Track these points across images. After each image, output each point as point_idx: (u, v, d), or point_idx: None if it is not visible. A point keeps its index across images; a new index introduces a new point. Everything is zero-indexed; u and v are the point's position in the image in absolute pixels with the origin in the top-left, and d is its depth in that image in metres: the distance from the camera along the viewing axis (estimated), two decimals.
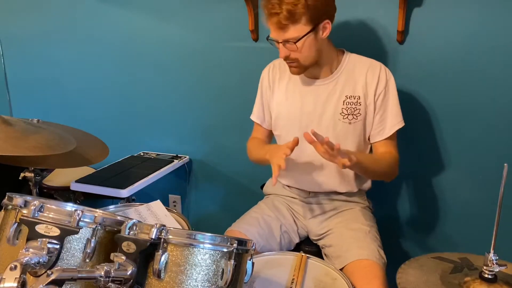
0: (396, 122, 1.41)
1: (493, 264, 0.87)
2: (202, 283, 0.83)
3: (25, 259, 0.75)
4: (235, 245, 0.85)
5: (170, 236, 0.84)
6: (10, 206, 0.90)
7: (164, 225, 0.85)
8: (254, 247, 0.92)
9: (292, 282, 1.12)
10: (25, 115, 1.60)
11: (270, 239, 1.41)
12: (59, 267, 0.78)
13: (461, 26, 1.58)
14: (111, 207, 1.43)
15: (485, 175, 1.66)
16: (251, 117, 1.61)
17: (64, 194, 1.94)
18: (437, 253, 1.04)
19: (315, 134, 1.16)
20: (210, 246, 0.84)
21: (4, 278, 0.69)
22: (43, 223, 0.82)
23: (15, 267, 0.71)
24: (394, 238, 1.84)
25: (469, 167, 1.68)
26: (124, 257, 0.81)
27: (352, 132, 1.41)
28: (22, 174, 1.49)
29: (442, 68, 1.63)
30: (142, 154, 2.13)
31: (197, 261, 0.83)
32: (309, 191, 1.50)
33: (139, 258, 0.82)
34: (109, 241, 0.89)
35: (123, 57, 2.14)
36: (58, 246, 0.82)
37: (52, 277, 0.69)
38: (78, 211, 0.85)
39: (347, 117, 1.40)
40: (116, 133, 2.19)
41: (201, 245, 0.84)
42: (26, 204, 0.87)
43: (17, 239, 0.85)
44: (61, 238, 0.82)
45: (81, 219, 0.85)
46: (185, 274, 0.82)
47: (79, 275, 0.74)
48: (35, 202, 0.85)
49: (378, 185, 1.60)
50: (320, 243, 1.46)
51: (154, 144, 2.18)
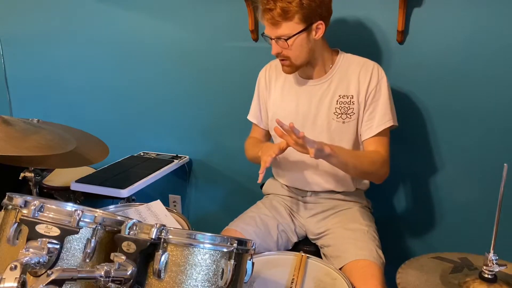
0: (385, 121, 1.39)
1: (493, 264, 0.87)
2: (202, 283, 0.83)
3: (25, 259, 0.75)
4: (235, 245, 0.86)
5: (170, 236, 0.84)
6: (10, 206, 0.90)
7: (164, 225, 0.85)
8: (254, 247, 0.92)
9: (292, 282, 1.12)
10: (25, 115, 1.60)
11: (267, 238, 1.42)
12: (59, 267, 0.78)
13: (461, 26, 1.58)
14: (111, 207, 1.43)
15: (485, 175, 1.66)
16: (248, 117, 1.62)
17: (64, 194, 1.94)
18: (437, 253, 1.04)
19: (292, 128, 1.17)
20: (210, 246, 0.84)
21: (4, 278, 0.69)
22: (43, 223, 0.82)
23: (15, 267, 0.71)
24: (394, 238, 1.84)
25: (469, 167, 1.68)
26: (124, 257, 0.81)
27: (346, 132, 1.42)
28: (22, 174, 1.50)
29: (442, 68, 1.63)
30: (142, 154, 2.13)
31: (197, 261, 0.83)
32: (307, 190, 1.50)
33: (139, 258, 0.82)
34: (109, 241, 0.89)
35: (123, 57, 2.14)
36: (58, 246, 0.82)
37: (52, 277, 0.69)
38: (78, 211, 0.85)
39: (341, 117, 1.41)
40: (116, 133, 2.19)
41: (201, 245, 0.84)
42: (26, 204, 0.87)
43: (17, 239, 0.85)
44: (61, 238, 0.82)
45: (81, 219, 0.85)
46: (185, 274, 0.82)
47: (79, 275, 0.74)
48: (35, 202, 0.85)
49: (378, 185, 1.60)
50: (319, 243, 1.46)
51: (154, 144, 2.18)
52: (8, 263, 0.71)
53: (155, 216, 1.36)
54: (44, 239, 0.81)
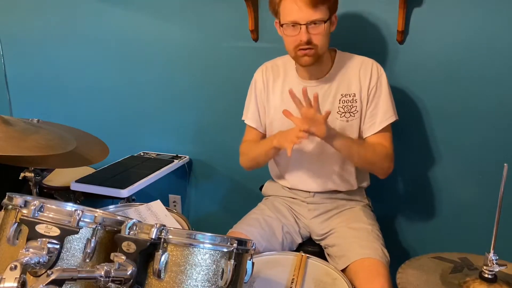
0: (388, 117, 1.40)
1: (493, 264, 0.87)
2: (202, 283, 0.83)
3: (25, 259, 0.75)
4: (235, 245, 0.85)
5: (170, 236, 0.84)
6: (10, 206, 0.90)
7: (164, 225, 0.85)
8: (254, 247, 0.92)
9: (292, 282, 1.12)
10: (25, 115, 1.60)
11: (272, 240, 1.41)
12: (59, 267, 0.78)
13: (461, 26, 1.58)
14: (111, 207, 1.43)
15: (485, 175, 1.66)
16: (246, 121, 1.56)
17: (64, 194, 1.94)
18: (437, 253, 1.04)
19: (305, 92, 1.22)
20: (210, 246, 0.84)
21: (4, 278, 0.69)
22: (43, 223, 0.82)
23: (15, 267, 0.71)
24: (394, 238, 1.84)
25: (469, 167, 1.68)
26: (124, 257, 0.81)
27: (350, 130, 1.42)
28: (22, 174, 1.50)
29: (442, 68, 1.63)
30: (142, 154, 2.13)
31: (197, 261, 0.83)
32: (310, 191, 1.50)
33: (139, 258, 0.82)
34: (109, 241, 0.89)
35: (123, 57, 2.14)
36: (58, 246, 0.82)
37: (52, 277, 0.69)
38: (78, 211, 0.85)
39: (344, 115, 1.41)
40: (116, 133, 2.19)
41: (201, 245, 0.84)
42: (26, 204, 0.87)
43: (17, 239, 0.85)
44: (61, 238, 0.82)
45: (81, 219, 0.85)
46: (185, 274, 0.82)
47: (79, 275, 0.74)
48: (35, 202, 0.85)
49: (378, 184, 1.60)
50: (323, 243, 1.46)
51: (154, 144, 2.18)
52: (8, 263, 0.71)
53: (155, 216, 1.36)
54: (44, 239, 0.81)
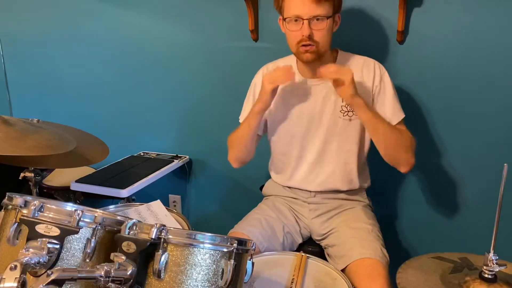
0: (397, 113, 1.40)
1: (493, 264, 0.87)
2: (202, 283, 0.83)
3: (25, 259, 0.75)
4: (235, 245, 0.85)
5: (170, 236, 0.84)
6: (10, 206, 0.90)
7: (164, 225, 0.85)
8: (254, 247, 0.92)
9: (292, 282, 1.12)
10: (25, 115, 1.60)
11: (273, 240, 1.41)
12: (59, 267, 0.78)
13: (461, 26, 1.58)
14: (111, 207, 1.43)
15: (485, 175, 1.66)
16: (241, 121, 1.55)
17: (64, 194, 1.94)
18: (437, 253, 1.04)
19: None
20: (210, 246, 0.84)
21: (4, 278, 0.69)
22: (43, 223, 0.82)
23: (15, 267, 0.71)
24: (394, 238, 1.84)
25: (469, 167, 1.68)
26: (124, 257, 0.80)
27: (353, 129, 1.42)
28: (22, 174, 1.49)
29: (442, 68, 1.63)
30: (142, 154, 2.13)
31: (197, 261, 0.83)
32: (311, 191, 1.50)
33: (139, 258, 0.82)
34: (109, 241, 0.89)
35: (123, 57, 2.14)
36: (58, 246, 0.82)
37: (52, 277, 0.69)
38: (78, 211, 0.85)
39: (347, 114, 1.41)
40: (116, 133, 2.19)
41: (201, 245, 0.84)
42: (26, 204, 0.87)
43: (17, 239, 0.85)
44: (61, 238, 0.82)
45: (81, 219, 0.85)
46: (185, 274, 0.82)
47: (79, 275, 0.74)
48: (35, 202, 0.85)
49: (378, 185, 1.60)
50: (323, 243, 1.46)
51: (154, 144, 2.18)
52: (8, 263, 0.71)
53: (155, 216, 1.36)
54: (44, 239, 0.81)
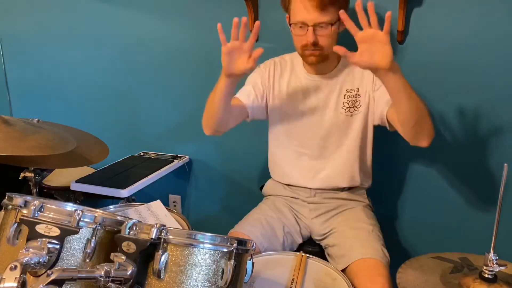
0: None
1: (493, 264, 0.87)
2: (202, 283, 0.83)
3: (25, 259, 0.75)
4: (235, 245, 0.86)
5: (170, 236, 0.84)
6: (10, 206, 0.90)
7: (164, 225, 0.85)
8: (254, 247, 0.92)
9: (292, 282, 1.12)
10: (25, 115, 1.60)
11: (273, 240, 1.41)
12: (59, 267, 0.78)
13: (461, 26, 1.58)
14: (111, 207, 1.43)
15: (485, 175, 1.66)
16: (236, 95, 1.49)
17: (64, 194, 1.94)
18: (437, 253, 1.04)
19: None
20: (210, 246, 0.84)
21: (4, 278, 0.69)
22: (43, 223, 0.82)
23: (15, 267, 0.71)
24: (394, 238, 1.84)
25: (469, 167, 1.68)
26: (124, 257, 0.81)
27: (354, 124, 1.44)
28: (22, 174, 1.49)
29: (442, 68, 1.63)
30: (142, 154, 2.13)
31: (197, 261, 0.83)
32: (311, 188, 1.50)
33: (139, 258, 0.82)
34: (109, 241, 0.89)
35: (123, 57, 2.14)
36: (58, 246, 0.82)
37: (52, 277, 0.69)
38: (78, 211, 0.85)
39: (349, 110, 1.43)
40: (116, 133, 2.19)
41: (201, 245, 0.84)
42: (26, 204, 0.87)
43: (17, 239, 0.85)
44: (61, 238, 0.82)
45: (81, 219, 0.85)
46: (185, 274, 0.82)
47: (79, 275, 0.74)
48: (35, 202, 0.85)
49: (378, 185, 1.60)
50: (323, 243, 1.46)
51: (154, 144, 2.18)
52: (8, 263, 0.71)
53: (155, 216, 1.36)
54: (44, 239, 0.81)
